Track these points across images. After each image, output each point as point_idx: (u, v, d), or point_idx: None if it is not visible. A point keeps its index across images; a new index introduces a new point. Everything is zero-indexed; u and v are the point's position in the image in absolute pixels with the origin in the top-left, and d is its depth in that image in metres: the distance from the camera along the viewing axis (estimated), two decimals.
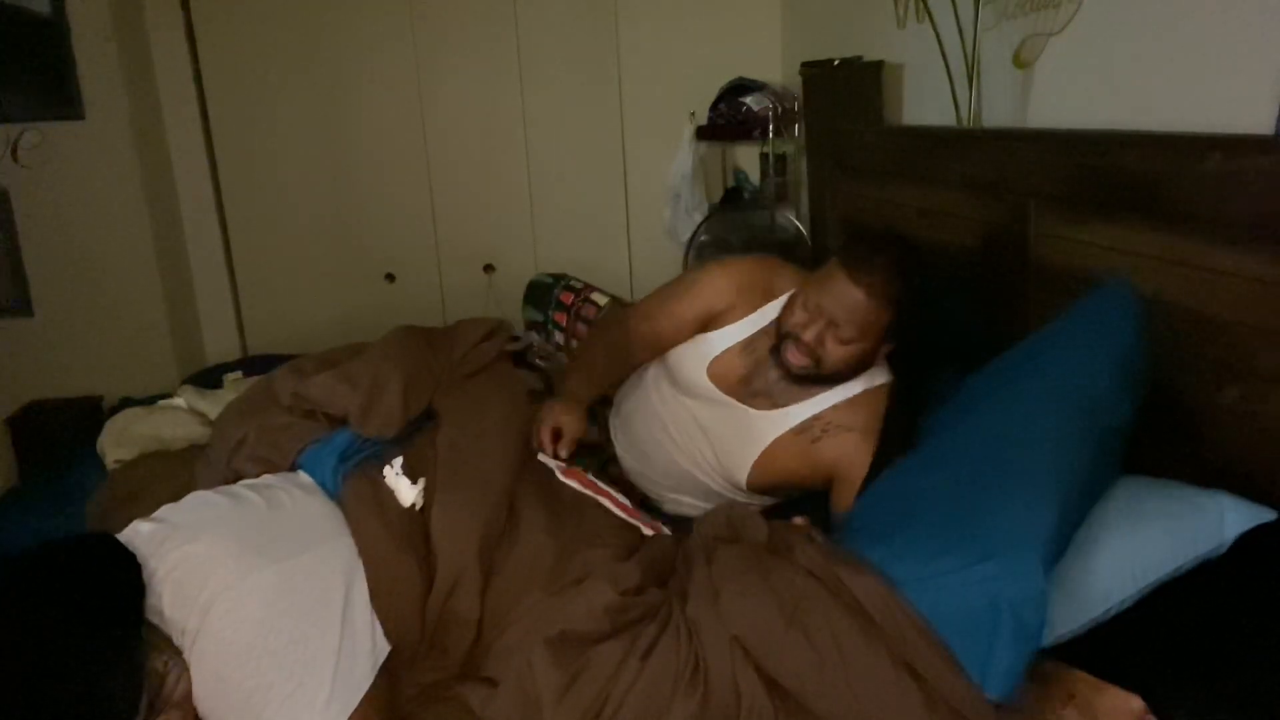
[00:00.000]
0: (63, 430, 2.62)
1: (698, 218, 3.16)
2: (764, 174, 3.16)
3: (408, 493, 1.32)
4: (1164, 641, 1.21)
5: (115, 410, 2.01)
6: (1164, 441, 1.36)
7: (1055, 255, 1.61)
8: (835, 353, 1.50)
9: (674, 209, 3.21)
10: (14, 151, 2.71)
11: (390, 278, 3.34)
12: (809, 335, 1.50)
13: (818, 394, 1.59)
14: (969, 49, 1.91)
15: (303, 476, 1.38)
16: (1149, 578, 1.19)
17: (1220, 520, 1.18)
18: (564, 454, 1.56)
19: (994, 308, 1.79)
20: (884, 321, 1.49)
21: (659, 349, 1.72)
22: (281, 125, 3.18)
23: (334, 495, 1.31)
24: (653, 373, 1.77)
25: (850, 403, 1.58)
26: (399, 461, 1.36)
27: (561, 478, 1.51)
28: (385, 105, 3.21)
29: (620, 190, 3.39)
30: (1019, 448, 1.24)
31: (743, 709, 1.12)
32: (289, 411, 1.53)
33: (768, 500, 1.69)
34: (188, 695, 1.07)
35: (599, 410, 1.87)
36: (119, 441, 1.82)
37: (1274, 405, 1.19)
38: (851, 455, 1.53)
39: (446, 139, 3.26)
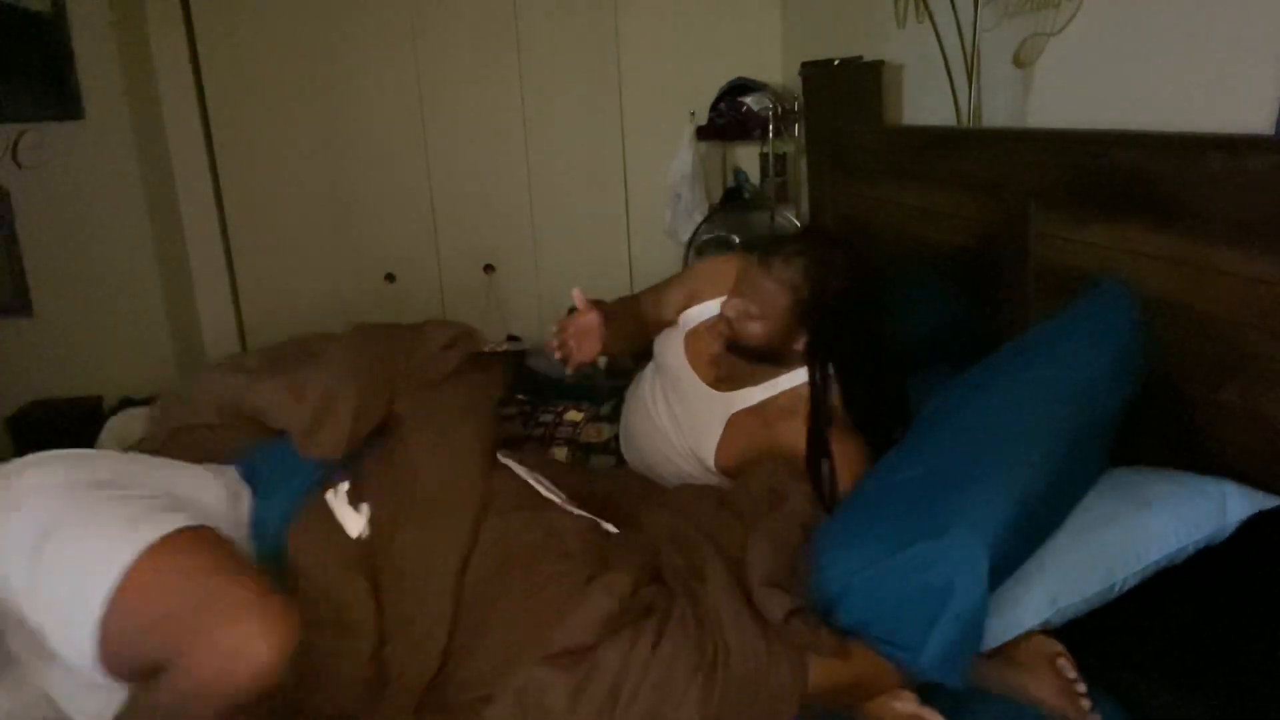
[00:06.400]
0: (63, 430, 2.61)
1: (698, 218, 3.16)
2: (764, 174, 3.16)
3: (353, 523, 1.27)
4: (1166, 639, 1.22)
5: (115, 410, 2.02)
6: (1164, 440, 1.37)
7: (1055, 255, 1.61)
8: (747, 328, 1.60)
9: (674, 209, 3.21)
10: (14, 151, 2.71)
11: (390, 278, 3.33)
12: (729, 309, 1.62)
13: (776, 377, 1.64)
14: (969, 49, 1.91)
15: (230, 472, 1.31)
16: (1152, 557, 1.20)
17: (1223, 504, 1.20)
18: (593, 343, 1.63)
19: (994, 308, 1.79)
20: (783, 303, 1.57)
21: (657, 328, 1.86)
22: (281, 125, 3.18)
23: (282, 522, 1.26)
24: (649, 368, 1.87)
25: (798, 391, 1.62)
26: (344, 488, 1.30)
27: (523, 475, 1.49)
28: (385, 105, 3.21)
29: (620, 190, 3.39)
30: (991, 441, 1.25)
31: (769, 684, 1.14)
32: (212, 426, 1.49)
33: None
34: None
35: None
36: (119, 441, 1.82)
37: (1273, 404, 1.19)
38: (797, 442, 1.56)
39: (446, 139, 3.26)
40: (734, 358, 1.64)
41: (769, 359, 1.63)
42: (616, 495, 1.63)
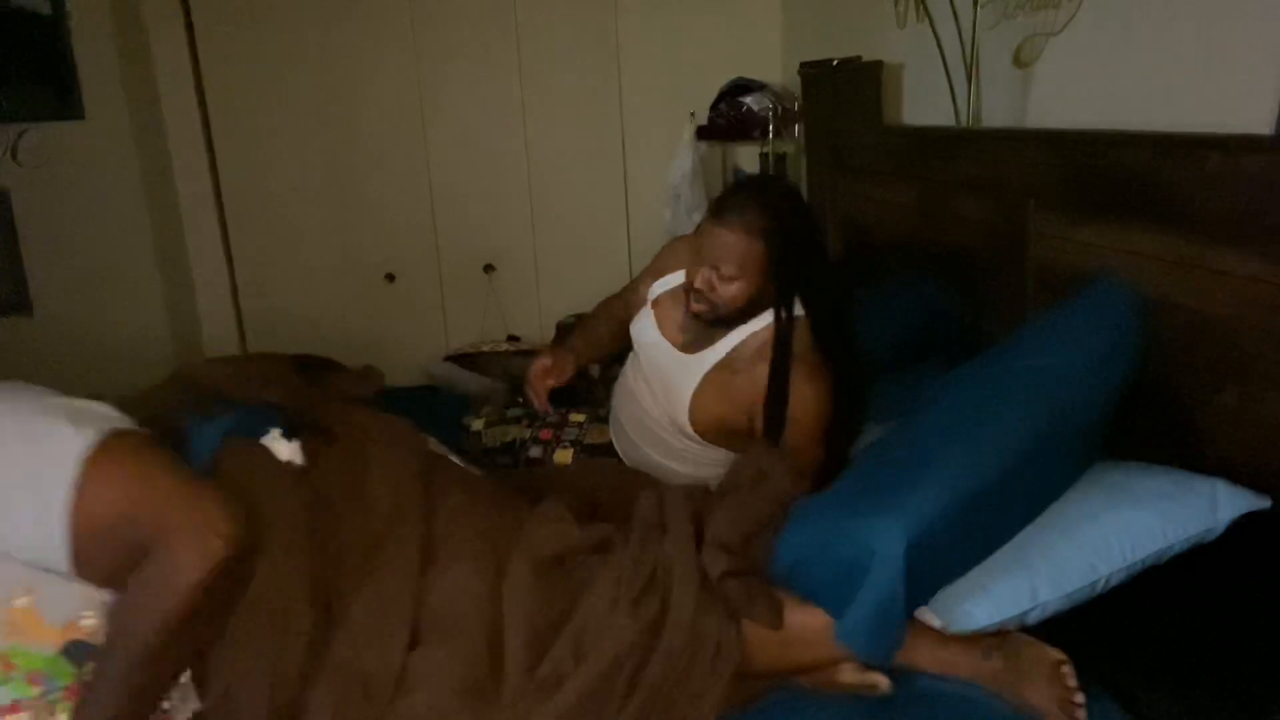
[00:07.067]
0: None
1: (698, 218, 3.15)
2: (764, 174, 3.16)
3: (284, 450, 1.34)
4: (1157, 637, 1.22)
5: None
6: (1162, 440, 1.37)
7: (1055, 255, 1.61)
8: (725, 292, 1.61)
9: (674, 209, 3.21)
10: (14, 151, 2.70)
11: (390, 278, 3.33)
12: (699, 282, 1.63)
13: (738, 327, 1.68)
14: (968, 49, 1.91)
15: None
16: (1138, 554, 1.20)
17: (1214, 503, 1.19)
18: (553, 381, 1.81)
19: (992, 307, 1.79)
20: (758, 253, 1.58)
21: (635, 312, 1.90)
22: (282, 125, 3.18)
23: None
24: (630, 357, 1.91)
25: (759, 335, 1.65)
26: (276, 430, 1.37)
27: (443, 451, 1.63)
28: (385, 105, 3.21)
29: (620, 190, 3.39)
30: (954, 432, 1.27)
31: (702, 651, 1.21)
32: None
33: (721, 451, 1.74)
34: None
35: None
36: None
37: (1272, 405, 1.19)
38: (760, 385, 1.60)
39: (446, 139, 3.26)
40: (703, 323, 1.67)
41: (750, 313, 1.65)
42: (623, 490, 1.65)
